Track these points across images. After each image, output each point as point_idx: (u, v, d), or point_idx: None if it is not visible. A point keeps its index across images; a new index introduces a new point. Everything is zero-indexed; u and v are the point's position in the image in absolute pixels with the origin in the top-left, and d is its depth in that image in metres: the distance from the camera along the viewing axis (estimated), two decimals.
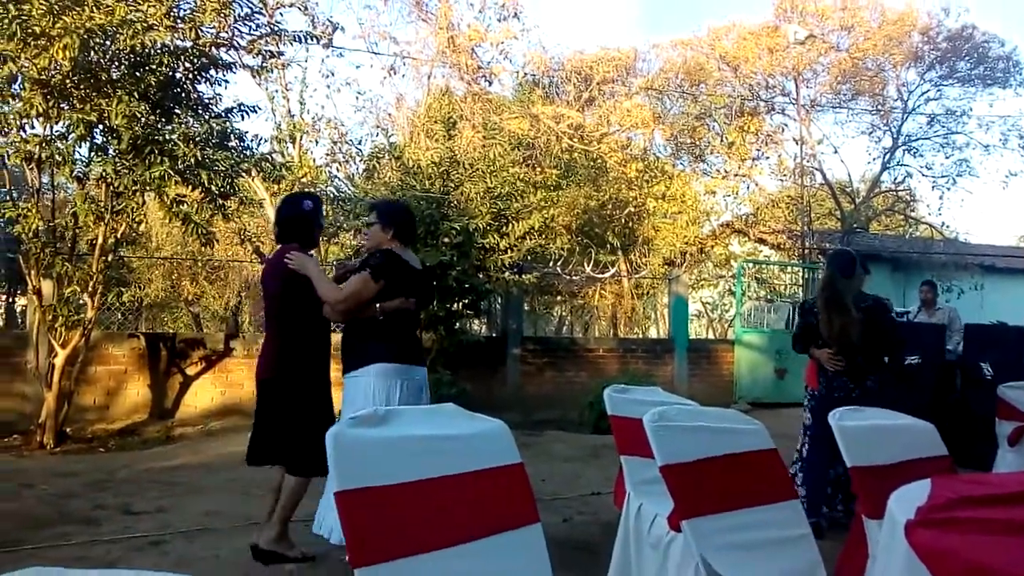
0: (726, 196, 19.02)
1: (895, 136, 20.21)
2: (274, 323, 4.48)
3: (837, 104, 20.11)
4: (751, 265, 16.61)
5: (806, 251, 17.55)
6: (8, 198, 8.77)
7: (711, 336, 18.19)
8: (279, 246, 4.56)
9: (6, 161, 7.93)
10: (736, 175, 18.86)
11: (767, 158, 19.36)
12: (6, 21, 7.04)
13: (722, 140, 18.82)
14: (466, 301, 10.10)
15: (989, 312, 17.11)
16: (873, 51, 18.82)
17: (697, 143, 19.35)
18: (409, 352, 4.36)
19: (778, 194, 19.71)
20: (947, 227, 20.76)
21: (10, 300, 15.92)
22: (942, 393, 7.99)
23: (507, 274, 10.40)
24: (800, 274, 16.24)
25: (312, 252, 4.59)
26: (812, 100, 19.43)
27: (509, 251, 10.05)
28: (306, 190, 6.65)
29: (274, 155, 9.87)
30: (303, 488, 4.30)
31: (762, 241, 19.59)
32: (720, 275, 19.09)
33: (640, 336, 16.84)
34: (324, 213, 4.81)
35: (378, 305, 4.23)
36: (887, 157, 20.36)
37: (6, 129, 7.63)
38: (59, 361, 8.16)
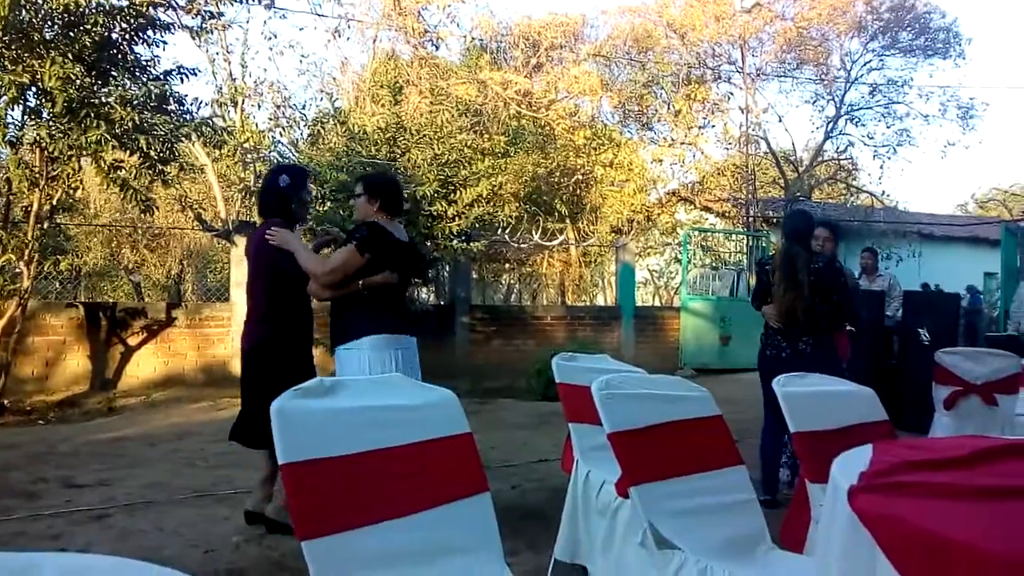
0: (673, 164, 19.15)
1: (838, 105, 20.51)
2: (257, 298, 4.42)
3: (782, 73, 20.32)
4: (697, 233, 16.77)
5: (751, 219, 17.79)
6: None
7: (657, 303, 18.39)
8: (263, 220, 4.53)
9: None
10: (683, 143, 18.97)
11: (713, 126, 19.51)
12: None
13: (669, 108, 18.90)
14: None
15: (927, 279, 17.58)
16: (818, 20, 19.02)
17: (644, 111, 19.40)
18: (399, 322, 4.34)
19: (723, 162, 19.89)
20: (887, 196, 21.18)
21: None
22: (881, 358, 8.17)
23: (455, 242, 10.35)
24: (745, 242, 16.45)
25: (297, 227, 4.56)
26: (757, 69, 19.59)
27: (457, 219, 9.99)
28: (288, 164, 6.56)
29: (215, 119, 9.62)
30: None
31: (708, 209, 19.80)
32: (667, 243, 19.25)
33: (588, 304, 16.94)
34: (309, 189, 4.73)
35: (361, 282, 4.18)
36: (830, 126, 20.68)
37: None
38: None
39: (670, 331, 13.73)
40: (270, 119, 14.35)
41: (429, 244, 9.90)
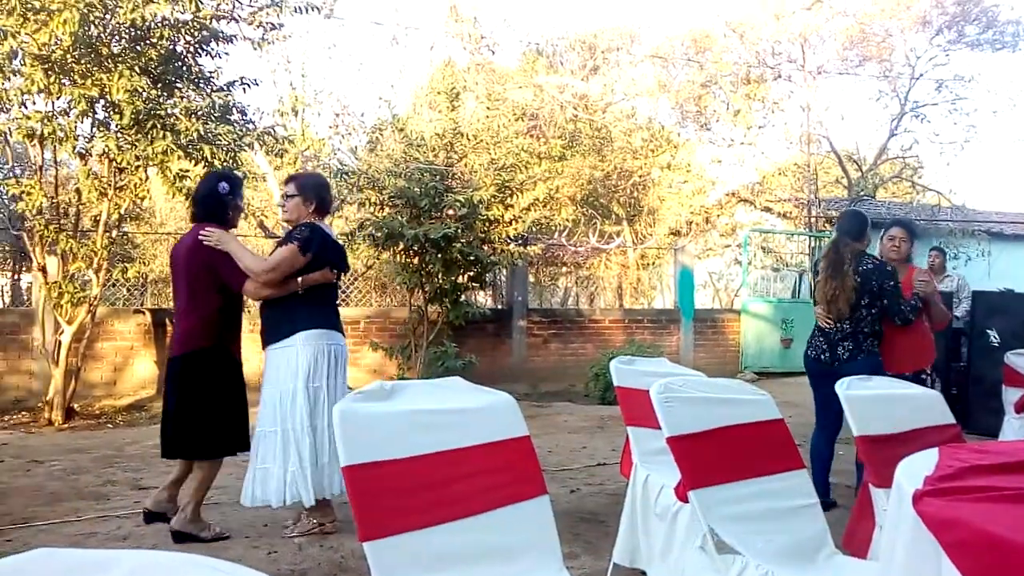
0: (732, 165, 18.91)
1: (902, 102, 20.04)
2: (189, 301, 4.37)
3: (844, 70, 19.92)
4: (757, 234, 16.54)
5: (812, 219, 17.48)
6: (12, 175, 8.76)
7: (717, 306, 18.18)
8: (193, 225, 4.48)
9: (9, 138, 7.91)
10: (742, 143, 18.73)
11: (773, 126, 19.22)
12: None
13: (728, 108, 18.67)
14: (471, 274, 10.07)
15: (996, 279, 17.06)
16: (881, 16, 18.62)
17: (703, 111, 19.20)
18: (331, 320, 4.41)
19: (784, 162, 19.59)
20: (954, 193, 20.65)
21: (16, 277, 15.95)
22: (949, 361, 7.97)
23: (512, 246, 10.37)
24: (807, 242, 16.17)
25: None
26: (819, 66, 19.25)
27: (514, 223, 10.01)
28: (226, 170, 6.62)
29: (276, 128, 9.81)
30: (215, 466, 4.36)
31: (768, 210, 19.50)
32: (726, 244, 19.02)
33: (646, 307, 16.82)
34: (243, 195, 4.73)
35: (300, 279, 4.24)
36: (894, 123, 20.22)
37: (8, 106, 7.60)
38: (65, 338, 8.19)
39: (730, 334, 13.56)
40: (330, 127, 14.59)
41: (486, 248, 9.94)
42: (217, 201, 4.43)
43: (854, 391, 2.98)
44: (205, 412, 4.24)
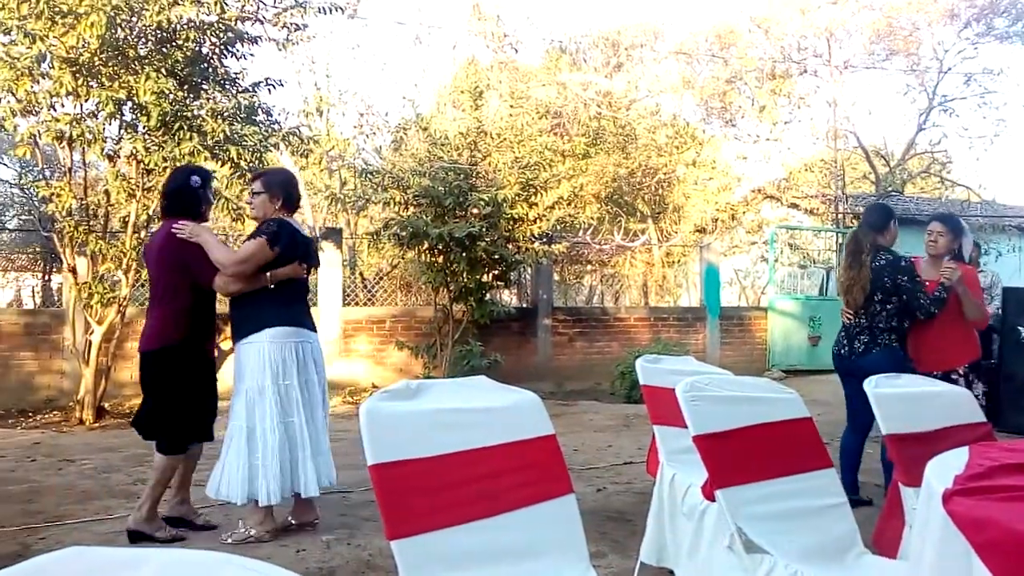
0: (757, 161, 18.79)
1: (931, 96, 19.82)
2: (161, 296, 4.39)
3: (871, 65, 19.73)
4: (784, 231, 16.41)
5: (840, 215, 17.33)
6: (41, 177, 8.87)
7: (743, 304, 18.06)
8: (163, 220, 4.48)
9: (38, 140, 8.00)
10: (768, 139, 18.60)
11: (799, 121, 19.08)
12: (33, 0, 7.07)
13: (753, 104, 18.55)
14: (496, 272, 10.09)
15: None
16: (908, 9, 18.41)
17: (727, 107, 19.09)
18: (300, 317, 4.38)
19: (811, 158, 19.43)
20: (984, 188, 20.40)
21: (46, 278, 16.18)
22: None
23: (536, 244, 10.37)
24: (834, 239, 16.03)
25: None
26: (845, 61, 19.07)
27: (538, 221, 10.01)
28: (194, 165, 6.64)
29: (301, 129, 9.86)
30: (173, 465, 4.36)
31: (795, 206, 19.34)
32: (752, 241, 18.90)
33: (671, 304, 16.76)
34: (213, 190, 4.74)
35: (268, 274, 4.24)
36: (922, 118, 20.00)
37: (37, 108, 7.69)
38: (96, 338, 8.28)
39: (757, 332, 13.47)
40: (354, 127, 14.66)
41: (511, 247, 9.94)
42: (190, 195, 4.44)
43: (882, 389, 2.95)
44: (168, 409, 4.26)
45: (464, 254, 9.34)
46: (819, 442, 2.92)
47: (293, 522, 4.43)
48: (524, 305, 12.36)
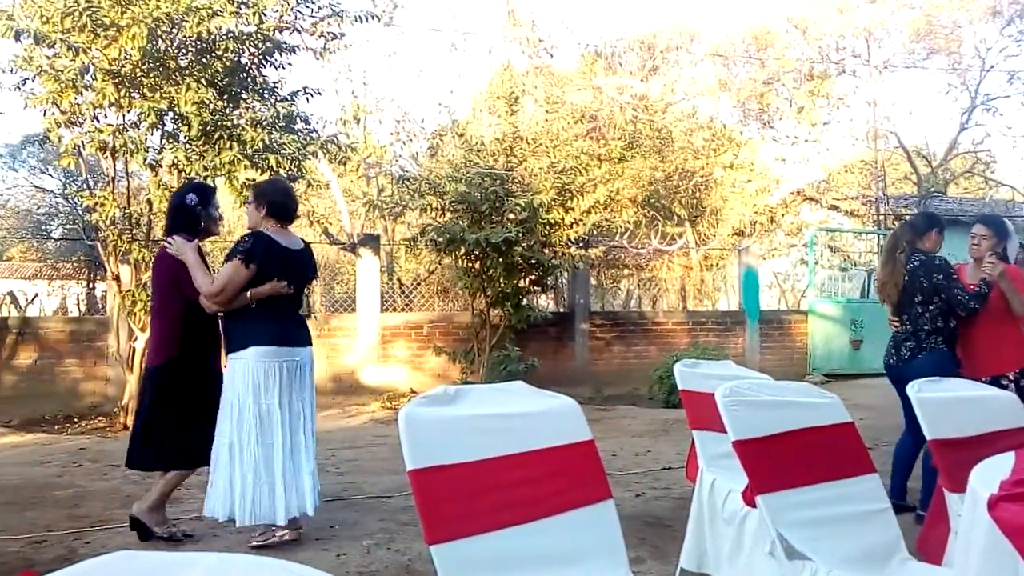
0: (796, 163, 18.61)
1: (973, 95, 19.52)
2: (158, 309, 4.44)
3: (911, 64, 19.47)
4: (824, 233, 16.23)
5: (881, 217, 17.10)
6: (85, 187, 9.05)
7: (783, 307, 17.88)
8: (168, 237, 4.51)
9: (82, 151, 8.16)
10: (806, 140, 18.42)
11: (839, 122, 18.86)
12: (77, 13, 7.22)
13: (791, 105, 18.38)
14: (532, 277, 10.10)
15: None
16: (948, 7, 18.14)
17: (765, 109, 18.93)
18: (288, 334, 4.25)
19: (850, 159, 19.21)
20: None
21: (90, 286, 16.49)
22: None
23: (573, 249, 10.36)
24: (875, 241, 15.81)
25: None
26: (885, 61, 18.83)
27: (575, 225, 10.00)
28: (197, 182, 6.67)
29: (339, 136, 9.96)
30: (183, 475, 4.40)
31: (835, 208, 19.13)
32: (791, 244, 18.72)
33: (710, 308, 16.64)
34: (217, 205, 4.68)
35: (249, 293, 4.16)
36: (965, 117, 19.69)
37: (81, 120, 7.85)
38: (139, 344, 8.40)
39: (797, 335, 13.32)
40: (391, 134, 14.75)
41: (547, 251, 9.94)
42: (186, 213, 4.46)
43: (925, 393, 2.91)
44: (168, 425, 4.25)
45: (501, 259, 9.35)
46: (861, 447, 2.88)
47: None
48: (561, 310, 12.36)
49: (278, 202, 4.36)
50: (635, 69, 16.65)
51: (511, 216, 9.53)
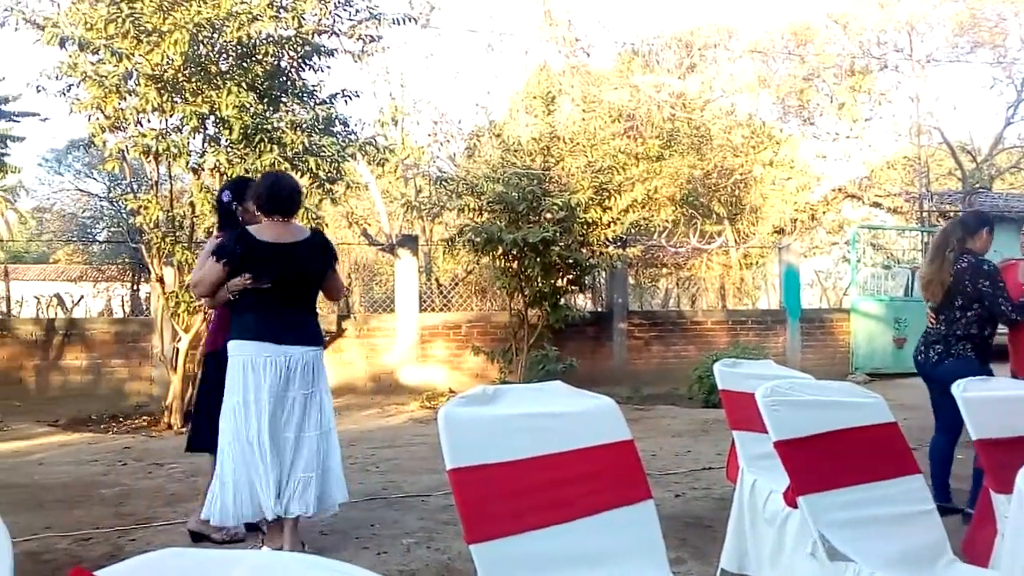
0: (838, 159, 18.36)
1: (1019, 89, 19.13)
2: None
3: (955, 58, 19.13)
4: (866, 230, 15.99)
5: (925, 214, 16.83)
6: (129, 190, 9.21)
7: (825, 306, 17.67)
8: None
9: (126, 155, 8.30)
10: (848, 137, 18.17)
11: (880, 118, 18.58)
12: (120, 19, 7.35)
13: (832, 101, 18.16)
14: (570, 276, 10.08)
15: None
16: (992, 0, 17.80)
17: (805, 105, 18.72)
18: (274, 330, 4.07)
19: (893, 155, 18.91)
20: None
21: (135, 288, 16.77)
22: None
23: (611, 248, 10.32)
24: (919, 238, 15.57)
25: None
26: (927, 55, 18.52)
27: (612, 225, 9.96)
28: (234, 178, 6.64)
29: (378, 138, 10.03)
30: None
31: (877, 205, 18.86)
32: (833, 242, 18.49)
33: (750, 307, 16.49)
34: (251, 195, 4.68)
35: (226, 286, 4.12)
36: (1011, 111, 19.32)
37: (124, 124, 7.99)
38: (183, 345, 8.53)
39: (839, 334, 13.16)
40: (428, 135, 14.82)
41: (585, 251, 9.92)
42: (224, 210, 4.62)
43: (971, 393, 2.86)
44: (217, 410, 4.20)
45: (538, 259, 9.35)
46: (905, 447, 2.84)
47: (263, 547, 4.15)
48: (599, 309, 12.32)
49: (263, 194, 4.23)
50: (672, 67, 16.56)
51: (548, 216, 9.52)
